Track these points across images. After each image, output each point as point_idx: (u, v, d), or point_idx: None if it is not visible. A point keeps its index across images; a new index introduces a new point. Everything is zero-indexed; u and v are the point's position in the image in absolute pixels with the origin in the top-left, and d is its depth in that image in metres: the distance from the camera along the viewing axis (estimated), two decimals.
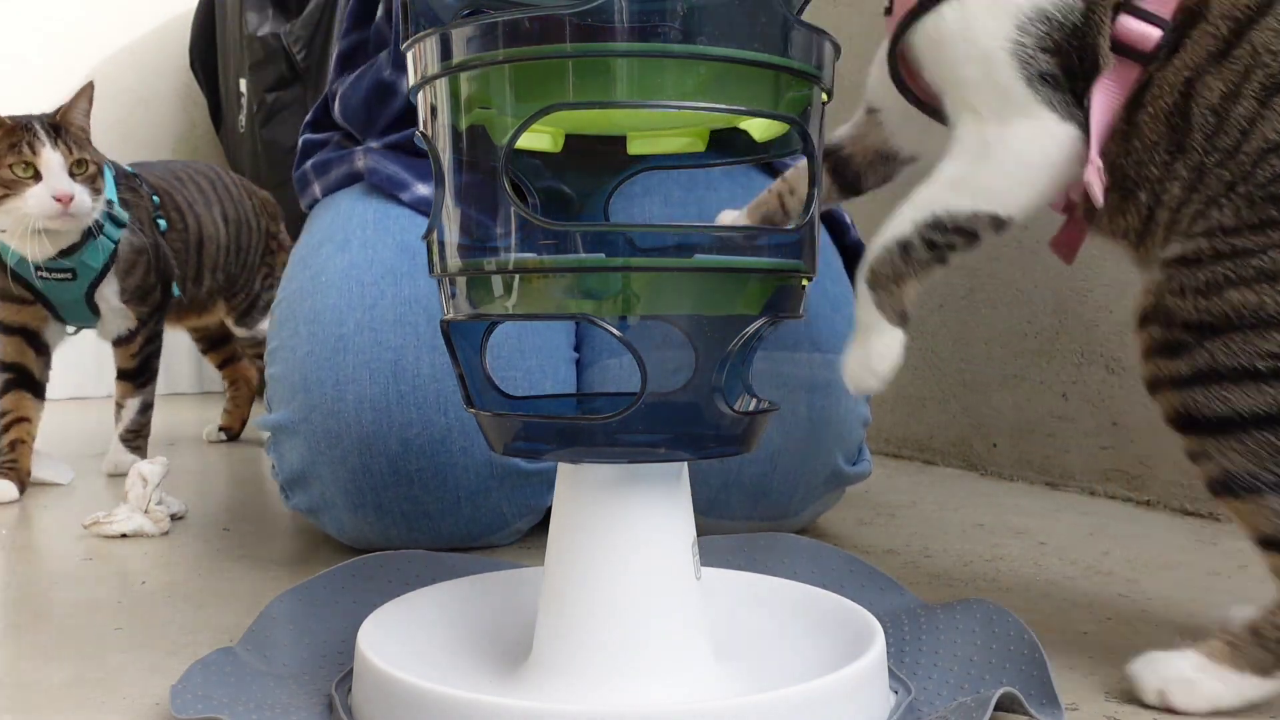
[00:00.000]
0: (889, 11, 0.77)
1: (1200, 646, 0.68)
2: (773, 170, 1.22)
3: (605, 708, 0.62)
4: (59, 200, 1.34)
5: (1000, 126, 0.71)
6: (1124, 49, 0.69)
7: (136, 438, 1.56)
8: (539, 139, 0.69)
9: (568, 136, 0.71)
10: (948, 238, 0.72)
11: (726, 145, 0.73)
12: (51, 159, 1.36)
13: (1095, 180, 0.70)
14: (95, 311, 1.49)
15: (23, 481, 1.41)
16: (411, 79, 0.64)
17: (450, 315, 0.65)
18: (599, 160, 0.73)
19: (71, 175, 1.37)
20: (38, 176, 1.35)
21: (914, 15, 0.73)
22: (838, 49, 0.63)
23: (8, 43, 2.65)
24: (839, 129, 0.87)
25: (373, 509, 1.05)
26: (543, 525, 1.05)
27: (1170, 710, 0.68)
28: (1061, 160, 0.70)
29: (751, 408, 0.66)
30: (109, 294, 1.49)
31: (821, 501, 1.17)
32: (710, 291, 0.62)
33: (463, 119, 0.62)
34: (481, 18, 0.58)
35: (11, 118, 1.39)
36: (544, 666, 0.66)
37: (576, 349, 1.14)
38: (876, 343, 0.74)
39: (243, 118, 2.55)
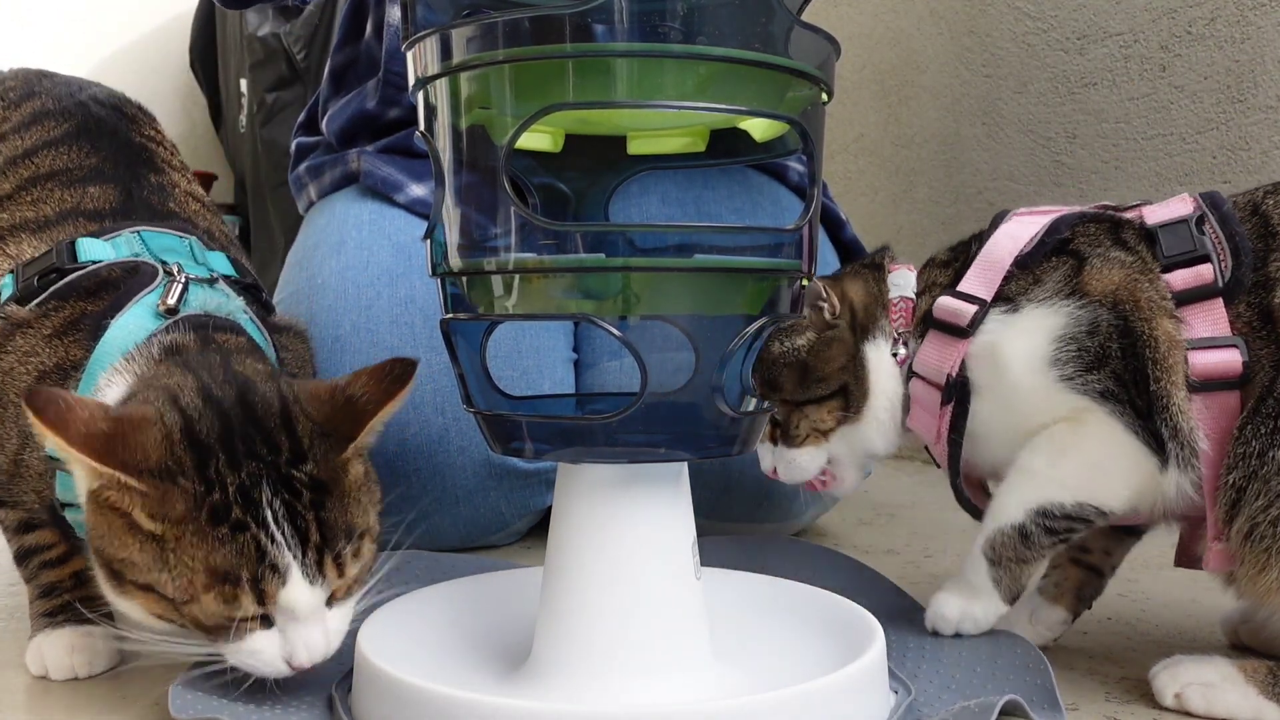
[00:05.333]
0: None
1: (1236, 660, 0.68)
2: (773, 170, 1.22)
3: (605, 708, 0.62)
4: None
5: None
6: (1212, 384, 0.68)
7: None
8: (539, 139, 0.69)
9: (568, 136, 0.71)
10: (1066, 524, 0.72)
11: (726, 145, 0.73)
12: (299, 601, 0.65)
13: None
14: None
15: None
16: (411, 79, 0.64)
17: (449, 315, 0.65)
18: (599, 160, 0.73)
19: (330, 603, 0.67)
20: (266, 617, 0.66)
21: None
22: (838, 49, 0.63)
23: (7, 43, 2.65)
24: None
25: None
26: (542, 525, 1.05)
27: (1181, 712, 0.68)
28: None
29: (751, 408, 0.66)
30: None
31: (821, 503, 1.17)
32: (710, 291, 0.62)
33: (463, 119, 0.62)
34: (481, 17, 0.58)
35: None
36: (544, 666, 0.66)
37: (575, 350, 1.14)
38: (979, 609, 0.75)
39: (243, 118, 2.54)
